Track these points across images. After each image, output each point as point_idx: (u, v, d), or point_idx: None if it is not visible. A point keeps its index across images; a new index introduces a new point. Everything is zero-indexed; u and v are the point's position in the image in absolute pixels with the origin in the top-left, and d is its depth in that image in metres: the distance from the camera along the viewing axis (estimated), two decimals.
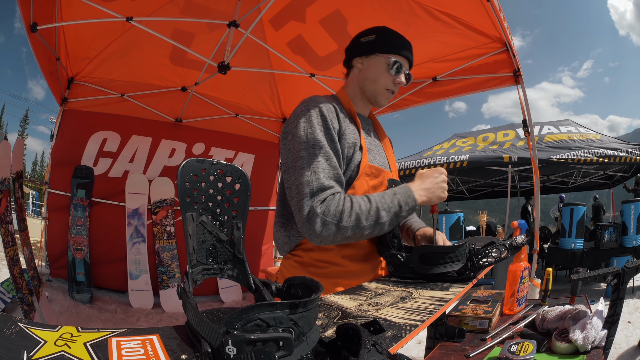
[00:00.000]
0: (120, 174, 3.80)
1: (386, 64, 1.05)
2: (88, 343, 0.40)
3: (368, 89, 1.08)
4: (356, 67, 1.10)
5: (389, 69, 1.05)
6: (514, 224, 1.38)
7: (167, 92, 3.65)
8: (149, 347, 0.42)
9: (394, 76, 1.06)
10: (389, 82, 1.06)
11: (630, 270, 1.11)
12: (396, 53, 1.06)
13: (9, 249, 2.27)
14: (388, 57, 1.05)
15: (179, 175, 0.51)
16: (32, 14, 2.24)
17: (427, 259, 0.95)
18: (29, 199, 11.79)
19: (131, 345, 0.41)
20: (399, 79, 1.06)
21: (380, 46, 1.06)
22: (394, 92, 1.09)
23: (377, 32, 1.08)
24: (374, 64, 1.06)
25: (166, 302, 3.59)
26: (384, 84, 1.06)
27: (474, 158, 6.04)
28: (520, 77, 2.55)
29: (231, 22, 2.47)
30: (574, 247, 4.80)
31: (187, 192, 0.51)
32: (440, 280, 0.94)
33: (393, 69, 1.05)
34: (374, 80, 1.07)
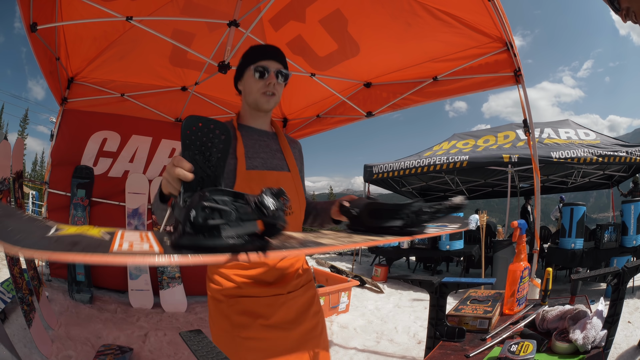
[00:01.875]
0: (120, 174, 3.80)
1: (252, 74, 1.19)
2: (102, 230, 0.60)
3: (249, 101, 1.23)
4: (241, 90, 1.26)
5: (255, 76, 1.19)
6: (514, 224, 1.38)
7: (167, 92, 3.64)
8: (144, 235, 0.63)
9: (263, 80, 1.19)
10: (262, 86, 1.19)
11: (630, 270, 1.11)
12: (256, 62, 1.19)
13: None
14: (250, 68, 1.20)
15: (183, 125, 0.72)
16: (32, 13, 2.24)
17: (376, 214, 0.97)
18: (29, 199, 11.79)
19: (131, 234, 0.62)
20: (269, 80, 1.18)
21: (244, 64, 1.22)
22: (273, 92, 1.20)
23: (243, 55, 1.24)
24: (246, 80, 1.22)
25: (166, 302, 3.59)
26: (257, 90, 1.19)
27: (474, 158, 6.04)
28: (521, 76, 2.55)
29: (231, 22, 2.47)
30: (574, 247, 4.80)
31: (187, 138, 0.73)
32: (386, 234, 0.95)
33: (257, 74, 1.18)
34: (249, 92, 1.21)
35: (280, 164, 1.23)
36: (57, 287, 3.50)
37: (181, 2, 2.67)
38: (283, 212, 0.58)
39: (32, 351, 2.26)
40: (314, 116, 3.88)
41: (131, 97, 3.61)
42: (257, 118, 1.26)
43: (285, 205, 0.59)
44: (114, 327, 2.96)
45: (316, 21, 2.69)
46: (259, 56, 1.20)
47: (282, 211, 0.57)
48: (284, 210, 0.58)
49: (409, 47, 2.79)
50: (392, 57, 2.98)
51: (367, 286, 5.19)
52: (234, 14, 2.46)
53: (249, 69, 1.19)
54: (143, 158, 3.86)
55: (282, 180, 1.20)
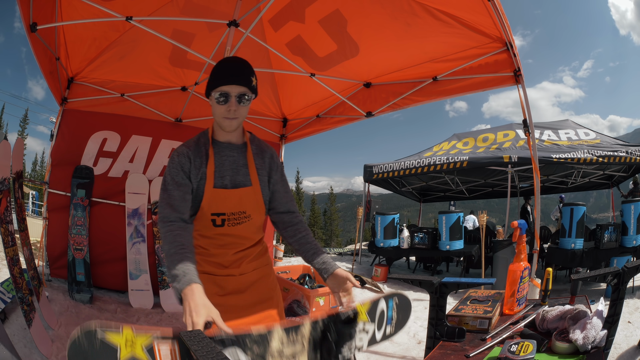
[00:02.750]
0: (120, 174, 3.80)
1: (215, 100, 1.25)
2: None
3: (216, 122, 1.32)
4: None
5: (217, 103, 1.25)
6: (514, 224, 1.38)
7: (167, 92, 3.65)
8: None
9: (224, 106, 1.24)
10: (223, 112, 1.25)
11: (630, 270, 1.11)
12: (218, 87, 1.23)
13: (9, 249, 2.27)
14: (212, 94, 1.25)
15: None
16: (32, 13, 2.24)
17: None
18: (29, 199, 11.79)
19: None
20: (229, 106, 1.24)
21: (209, 87, 1.27)
22: (234, 117, 1.26)
23: (210, 73, 1.28)
24: (211, 101, 1.28)
25: (166, 302, 3.59)
26: (219, 115, 1.26)
27: (474, 158, 6.04)
28: (521, 76, 2.55)
29: (231, 22, 2.47)
30: (574, 247, 4.80)
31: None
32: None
33: (218, 101, 1.24)
34: (214, 114, 1.29)
35: (243, 180, 1.33)
36: (57, 287, 3.50)
37: (181, 2, 2.67)
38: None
39: (32, 351, 2.26)
40: (313, 116, 3.88)
41: (131, 97, 3.61)
42: (226, 135, 1.34)
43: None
44: None
45: (316, 21, 2.69)
46: (221, 80, 1.23)
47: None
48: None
49: (409, 47, 2.79)
50: (392, 57, 2.98)
51: (367, 286, 5.19)
52: (233, 14, 2.46)
53: (212, 94, 1.25)
54: (143, 158, 3.86)
55: (244, 194, 1.32)
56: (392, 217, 6.34)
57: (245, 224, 1.35)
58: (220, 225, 1.32)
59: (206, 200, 1.29)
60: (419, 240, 6.11)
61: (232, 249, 1.36)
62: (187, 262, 1.11)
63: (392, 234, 6.30)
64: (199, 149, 1.32)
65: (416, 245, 6.15)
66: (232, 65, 1.27)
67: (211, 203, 1.29)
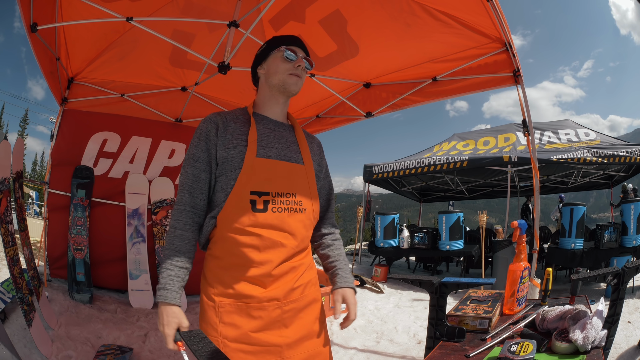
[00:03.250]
0: (120, 175, 3.80)
1: (281, 55, 1.17)
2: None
3: (275, 83, 1.17)
4: (261, 75, 1.23)
5: (285, 57, 1.17)
6: (514, 224, 1.38)
7: (167, 92, 3.64)
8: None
9: (292, 61, 1.17)
10: (290, 67, 1.17)
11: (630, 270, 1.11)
12: (285, 44, 1.19)
13: (9, 249, 2.27)
14: (279, 50, 1.18)
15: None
16: (33, 14, 2.24)
17: None
18: (29, 199, 11.78)
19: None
20: (297, 62, 1.17)
21: (271, 46, 1.21)
22: (299, 75, 1.18)
23: (266, 42, 1.25)
24: (272, 61, 1.19)
25: None
26: (286, 70, 1.16)
27: (474, 158, 6.04)
28: (520, 77, 2.55)
29: (231, 22, 2.47)
30: (574, 247, 4.80)
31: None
32: None
33: (288, 55, 1.17)
34: (275, 72, 1.17)
35: (295, 156, 1.16)
36: (57, 287, 3.50)
37: (181, 3, 2.67)
38: None
39: (32, 351, 2.26)
40: (313, 116, 3.88)
41: (131, 98, 3.61)
42: (275, 106, 1.21)
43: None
44: (114, 327, 2.96)
45: (316, 22, 2.69)
46: (286, 41, 1.20)
47: None
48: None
49: (408, 47, 2.79)
50: (392, 57, 2.98)
51: (367, 286, 5.19)
52: (233, 14, 2.46)
53: (279, 49, 1.17)
54: (143, 159, 3.86)
55: (295, 172, 1.13)
56: (392, 217, 6.34)
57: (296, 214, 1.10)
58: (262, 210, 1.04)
59: (245, 173, 1.04)
60: (419, 240, 6.12)
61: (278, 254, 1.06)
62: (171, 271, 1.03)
63: (392, 234, 6.30)
64: (236, 116, 1.16)
65: (416, 245, 6.15)
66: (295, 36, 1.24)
67: (251, 177, 1.05)
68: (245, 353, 1.02)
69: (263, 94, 1.22)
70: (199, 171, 1.08)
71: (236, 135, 1.10)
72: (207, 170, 1.09)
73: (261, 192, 1.05)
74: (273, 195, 1.06)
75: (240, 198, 1.04)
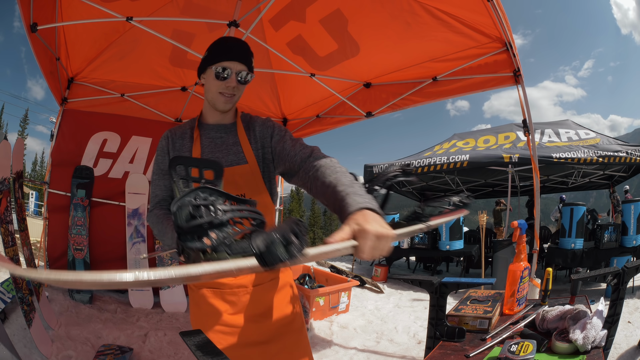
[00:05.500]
0: (120, 175, 3.80)
1: (213, 73, 1.17)
2: None
3: (208, 98, 1.22)
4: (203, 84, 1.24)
5: (215, 76, 1.16)
6: (514, 224, 1.38)
7: (167, 92, 3.65)
8: None
9: (223, 81, 1.16)
10: (221, 87, 1.17)
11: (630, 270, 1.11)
12: (220, 61, 1.16)
13: (9, 249, 2.27)
14: (212, 67, 1.17)
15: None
16: (33, 14, 2.24)
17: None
18: (29, 199, 11.79)
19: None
20: (228, 82, 1.16)
21: (208, 60, 1.19)
22: (232, 94, 1.19)
23: (209, 48, 1.21)
24: (208, 76, 1.19)
25: (166, 302, 3.59)
26: (216, 89, 1.17)
27: (474, 158, 6.04)
28: (520, 77, 2.55)
29: (231, 22, 2.47)
30: (574, 247, 4.80)
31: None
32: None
33: (217, 74, 1.16)
34: (208, 90, 1.20)
35: (236, 158, 1.20)
36: (57, 287, 3.50)
37: (181, 3, 2.67)
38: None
39: (32, 351, 2.26)
40: (313, 116, 3.88)
41: (131, 98, 3.61)
42: (215, 115, 1.25)
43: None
44: (114, 327, 2.96)
45: (316, 21, 2.69)
46: (222, 55, 1.17)
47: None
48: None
49: (409, 46, 2.79)
50: (392, 57, 2.98)
51: (367, 286, 5.19)
52: (234, 14, 2.46)
53: (212, 67, 1.17)
54: (143, 159, 3.86)
55: (239, 174, 1.18)
56: (392, 217, 6.34)
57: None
58: None
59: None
60: (419, 240, 6.12)
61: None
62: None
63: None
64: (184, 131, 1.24)
65: (416, 245, 6.15)
66: (233, 43, 1.20)
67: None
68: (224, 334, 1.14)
69: (205, 104, 1.26)
70: (169, 181, 1.18)
71: (182, 152, 1.21)
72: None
73: None
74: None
75: None
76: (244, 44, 1.21)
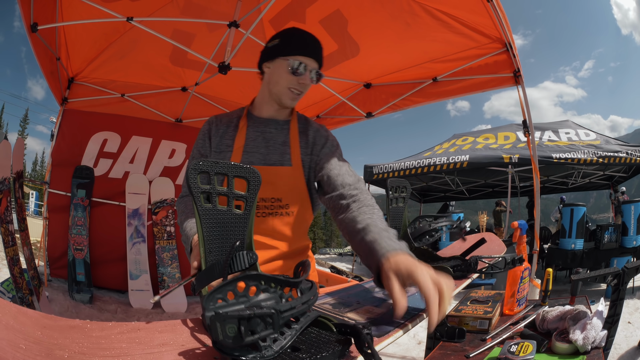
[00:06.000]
0: (120, 175, 3.81)
1: (287, 66, 1.09)
2: None
3: (273, 91, 1.13)
4: (265, 72, 1.16)
5: (290, 71, 1.09)
6: (514, 224, 1.38)
7: (167, 92, 3.65)
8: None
9: (296, 77, 1.09)
10: (293, 82, 1.10)
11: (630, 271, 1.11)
12: (297, 54, 1.09)
13: (9, 249, 2.27)
14: (288, 59, 1.08)
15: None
16: (33, 14, 2.24)
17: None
18: (29, 199, 11.79)
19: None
20: (302, 79, 1.10)
21: (281, 50, 1.10)
22: (300, 91, 1.12)
23: (281, 36, 1.12)
24: (277, 67, 1.11)
25: (166, 303, 3.59)
26: (287, 84, 1.10)
27: (474, 158, 6.04)
28: (520, 77, 2.55)
29: (232, 22, 2.47)
30: (574, 247, 4.80)
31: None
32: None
33: (294, 70, 1.09)
34: (276, 82, 1.11)
35: (280, 158, 1.12)
36: (57, 287, 3.50)
37: (181, 3, 2.67)
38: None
39: None
40: (314, 117, 3.88)
41: (131, 98, 3.61)
42: (270, 109, 1.17)
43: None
44: None
45: (316, 21, 2.69)
46: (299, 48, 1.09)
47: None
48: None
49: (409, 47, 2.79)
50: (392, 57, 2.98)
51: None
52: (234, 14, 2.47)
53: (287, 59, 1.08)
54: (143, 159, 3.87)
55: (280, 175, 1.09)
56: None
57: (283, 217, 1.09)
58: None
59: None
60: None
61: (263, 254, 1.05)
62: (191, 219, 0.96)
63: None
64: (230, 119, 1.16)
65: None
66: (311, 38, 1.12)
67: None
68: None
69: (262, 94, 1.18)
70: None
71: (224, 139, 1.12)
72: None
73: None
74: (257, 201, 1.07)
75: None
76: (318, 41, 1.13)
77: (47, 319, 0.53)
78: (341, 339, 0.53)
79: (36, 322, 0.51)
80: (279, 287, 0.54)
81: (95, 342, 0.49)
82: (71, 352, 0.45)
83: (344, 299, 0.82)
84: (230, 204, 0.69)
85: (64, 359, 0.44)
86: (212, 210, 0.67)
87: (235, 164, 0.68)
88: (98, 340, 0.50)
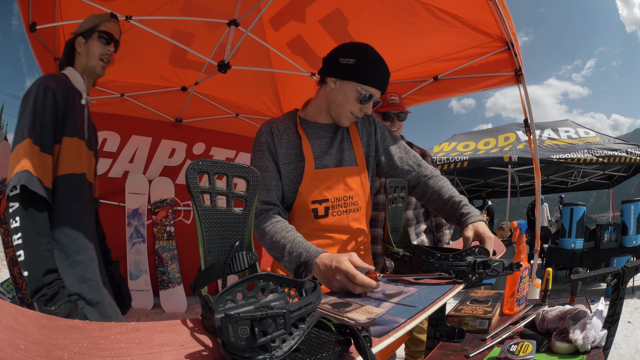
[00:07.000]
0: (120, 174, 3.80)
1: (357, 93, 1.10)
2: None
3: (333, 111, 1.15)
4: (329, 85, 1.15)
5: (359, 99, 1.10)
6: (514, 224, 1.38)
7: (167, 92, 3.64)
8: None
9: (361, 105, 1.11)
10: (356, 109, 1.12)
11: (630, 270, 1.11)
12: (370, 85, 1.10)
13: (9, 249, 2.27)
14: (359, 88, 1.09)
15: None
16: (32, 13, 2.24)
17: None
18: None
19: None
20: (365, 108, 1.12)
21: (356, 75, 1.09)
22: (358, 117, 1.16)
23: (356, 57, 1.11)
24: (346, 90, 1.11)
25: (166, 303, 3.59)
26: (350, 109, 1.12)
27: (474, 158, 6.04)
28: (522, 76, 2.54)
29: (231, 21, 2.46)
30: (574, 247, 4.80)
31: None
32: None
33: (362, 100, 1.10)
34: (341, 104, 1.13)
35: (348, 159, 1.17)
36: None
37: (181, 2, 2.67)
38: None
39: None
40: None
41: (131, 97, 3.60)
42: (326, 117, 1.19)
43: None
44: None
45: (316, 21, 2.69)
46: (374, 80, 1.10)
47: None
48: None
49: (410, 46, 2.79)
50: (393, 56, 2.97)
51: None
52: (233, 13, 2.46)
53: (359, 86, 1.09)
54: (143, 158, 3.86)
55: (349, 174, 1.15)
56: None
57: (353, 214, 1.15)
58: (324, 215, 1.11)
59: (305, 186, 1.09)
60: None
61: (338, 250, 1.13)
62: (293, 239, 0.96)
63: None
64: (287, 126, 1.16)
65: None
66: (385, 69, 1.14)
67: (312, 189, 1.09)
68: None
69: (319, 104, 1.18)
70: (270, 179, 1.09)
71: (290, 150, 1.13)
72: (277, 178, 1.11)
73: (322, 200, 1.11)
74: (332, 201, 1.12)
75: (303, 209, 1.11)
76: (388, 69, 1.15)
77: (47, 319, 0.53)
78: (341, 339, 0.54)
79: (36, 323, 0.51)
80: (286, 288, 0.54)
81: (94, 342, 0.49)
82: (71, 352, 0.45)
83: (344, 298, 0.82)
84: (230, 204, 0.69)
85: (63, 359, 0.44)
86: (212, 210, 0.67)
87: (235, 164, 0.67)
88: (97, 341, 0.50)
